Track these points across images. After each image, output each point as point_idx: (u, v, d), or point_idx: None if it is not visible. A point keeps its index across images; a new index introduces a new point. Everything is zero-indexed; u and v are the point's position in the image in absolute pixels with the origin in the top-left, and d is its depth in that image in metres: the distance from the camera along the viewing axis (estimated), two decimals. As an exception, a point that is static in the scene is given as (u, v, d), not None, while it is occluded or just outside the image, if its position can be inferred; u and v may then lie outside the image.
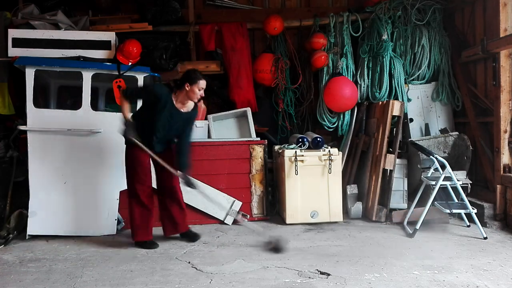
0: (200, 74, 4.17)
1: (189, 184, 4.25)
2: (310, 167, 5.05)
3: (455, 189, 4.59)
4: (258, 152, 5.30)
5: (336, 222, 5.09)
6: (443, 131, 5.71)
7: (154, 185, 4.44)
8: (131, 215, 4.30)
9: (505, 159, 4.92)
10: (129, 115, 4.15)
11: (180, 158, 4.26)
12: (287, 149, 5.14)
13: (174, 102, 4.12)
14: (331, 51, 6.02)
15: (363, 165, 5.65)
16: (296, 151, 5.06)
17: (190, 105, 4.22)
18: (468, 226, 4.80)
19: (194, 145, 5.15)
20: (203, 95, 4.17)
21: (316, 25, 6.17)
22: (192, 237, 4.49)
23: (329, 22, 6.08)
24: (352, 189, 5.44)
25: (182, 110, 4.17)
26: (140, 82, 4.83)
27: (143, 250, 4.20)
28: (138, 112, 4.31)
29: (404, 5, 5.92)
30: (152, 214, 4.36)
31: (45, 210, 4.62)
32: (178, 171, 4.22)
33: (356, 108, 5.97)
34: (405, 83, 5.89)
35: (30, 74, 4.59)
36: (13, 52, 4.88)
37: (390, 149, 5.25)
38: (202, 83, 4.10)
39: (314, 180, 5.03)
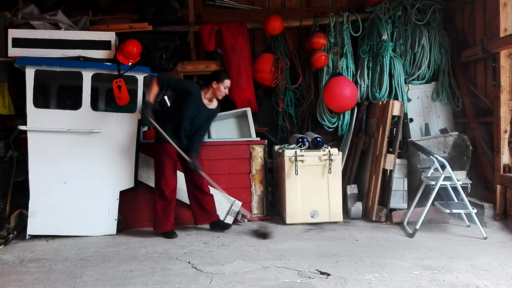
0: (227, 74, 4.71)
1: (196, 168, 4.56)
2: (310, 167, 5.06)
3: (455, 189, 4.59)
4: (258, 152, 5.30)
5: (336, 222, 5.09)
6: (443, 131, 5.71)
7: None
8: (155, 207, 4.62)
9: (505, 159, 4.92)
10: (153, 99, 4.46)
11: (192, 145, 4.62)
12: (287, 149, 5.14)
13: (202, 98, 4.54)
14: (331, 51, 6.02)
15: (363, 165, 5.65)
16: (296, 151, 5.06)
17: (214, 102, 4.67)
18: (468, 226, 4.80)
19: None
20: (228, 93, 4.68)
21: (316, 25, 6.17)
22: (223, 226, 4.82)
23: (329, 22, 6.09)
24: (352, 189, 5.45)
25: (208, 107, 4.60)
26: (140, 82, 4.83)
27: (143, 250, 4.21)
28: (170, 107, 4.67)
29: (404, 5, 5.92)
30: (173, 206, 4.66)
31: (45, 210, 4.62)
32: (188, 156, 4.53)
33: (356, 108, 5.97)
34: (405, 83, 5.89)
35: (30, 74, 4.59)
36: (13, 52, 4.88)
37: (390, 149, 5.25)
38: (227, 82, 4.62)
39: (314, 180, 5.03)
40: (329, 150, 5.08)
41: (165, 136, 4.43)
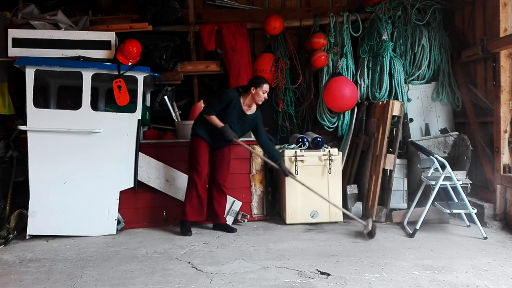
0: (264, 79, 4.74)
1: (287, 173, 4.75)
2: (310, 167, 5.06)
3: (455, 189, 4.59)
4: (258, 152, 5.30)
5: (336, 222, 5.09)
6: (443, 131, 5.70)
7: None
8: (188, 196, 4.69)
9: (505, 159, 4.92)
10: (220, 123, 4.53)
11: (272, 153, 4.77)
12: (287, 149, 5.14)
13: (242, 105, 4.60)
14: (331, 51, 6.02)
15: (363, 165, 5.65)
16: (296, 151, 5.06)
17: (253, 107, 4.71)
18: (468, 226, 4.80)
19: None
20: (267, 97, 4.70)
21: (316, 25, 6.17)
22: (228, 229, 4.81)
23: (329, 22, 6.09)
24: (352, 189, 5.45)
25: (247, 113, 4.65)
26: (140, 82, 4.83)
27: (143, 250, 4.21)
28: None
29: (404, 5, 5.92)
30: (205, 197, 4.75)
31: (45, 210, 4.62)
32: (277, 164, 4.72)
33: (356, 108, 5.97)
34: (405, 83, 5.89)
35: (30, 74, 4.59)
36: (13, 52, 4.88)
37: (390, 149, 5.25)
38: (266, 87, 4.63)
39: (314, 180, 5.02)
40: (329, 150, 5.08)
41: (247, 147, 4.75)
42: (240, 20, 6.37)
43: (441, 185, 4.52)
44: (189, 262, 3.82)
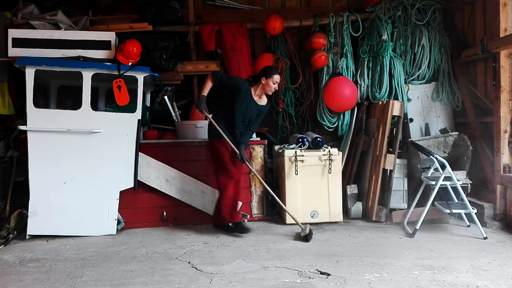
0: (275, 69, 4.75)
1: (243, 160, 4.65)
2: (310, 167, 5.06)
3: (455, 189, 4.59)
4: (258, 152, 5.30)
5: (336, 222, 5.09)
6: (443, 131, 5.70)
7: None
8: (222, 201, 4.61)
9: (505, 159, 4.92)
10: (206, 92, 4.56)
11: (242, 138, 4.70)
12: (287, 149, 5.14)
13: (253, 95, 4.58)
14: (331, 51, 6.02)
15: (363, 165, 5.65)
16: (296, 151, 5.06)
17: (264, 98, 4.71)
18: (468, 226, 4.80)
19: (194, 145, 5.19)
20: (277, 88, 4.72)
21: (316, 25, 6.17)
22: (234, 230, 4.72)
23: (329, 22, 6.09)
24: (352, 189, 5.45)
25: (258, 103, 4.63)
26: (140, 82, 4.83)
27: (143, 250, 4.21)
28: (222, 105, 4.73)
29: (404, 5, 5.92)
30: (237, 198, 4.72)
31: (45, 210, 4.63)
32: (237, 147, 4.61)
33: (356, 108, 5.97)
34: (405, 83, 5.89)
35: (30, 74, 4.59)
36: (13, 52, 4.88)
37: (390, 149, 5.25)
38: (276, 77, 4.60)
39: (314, 180, 5.03)
40: (329, 150, 5.08)
41: (218, 129, 4.53)
42: (240, 20, 6.37)
43: (441, 185, 4.52)
44: (189, 262, 3.82)
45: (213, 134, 4.66)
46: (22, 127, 4.65)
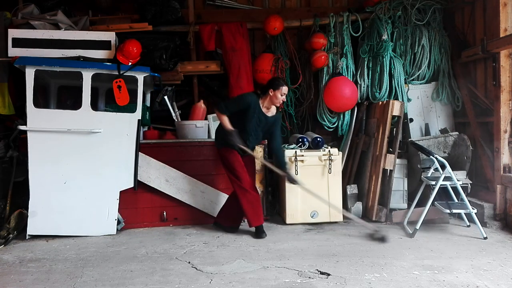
0: (283, 81, 4.68)
1: (293, 181, 4.61)
2: (310, 167, 5.06)
3: (455, 189, 4.59)
4: (258, 152, 5.29)
5: (336, 222, 5.09)
6: (443, 131, 5.70)
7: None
8: (241, 207, 4.56)
9: (505, 159, 4.92)
10: (230, 125, 4.45)
11: (279, 159, 4.68)
12: (287, 149, 5.14)
13: (261, 107, 4.53)
14: (331, 51, 6.01)
15: (363, 165, 5.65)
16: (296, 151, 5.06)
17: (273, 109, 4.66)
18: (468, 226, 4.80)
19: (194, 145, 5.19)
20: (285, 100, 4.70)
21: (316, 25, 6.17)
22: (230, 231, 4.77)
23: (329, 22, 6.08)
24: (352, 189, 5.45)
25: (267, 114, 4.58)
26: (140, 82, 4.83)
27: (143, 250, 4.21)
28: (233, 120, 4.51)
29: (404, 5, 5.92)
30: (259, 199, 4.66)
31: (45, 210, 4.63)
32: (282, 171, 4.60)
33: (356, 108, 5.97)
34: (405, 83, 5.88)
35: (30, 74, 4.59)
36: (13, 52, 4.88)
37: (390, 149, 5.25)
38: (284, 89, 4.53)
39: (314, 180, 5.02)
40: (329, 150, 5.08)
41: (251, 153, 4.60)
42: (240, 20, 6.36)
43: (441, 185, 4.52)
44: (189, 262, 3.82)
45: (221, 142, 4.61)
46: (22, 127, 4.65)
